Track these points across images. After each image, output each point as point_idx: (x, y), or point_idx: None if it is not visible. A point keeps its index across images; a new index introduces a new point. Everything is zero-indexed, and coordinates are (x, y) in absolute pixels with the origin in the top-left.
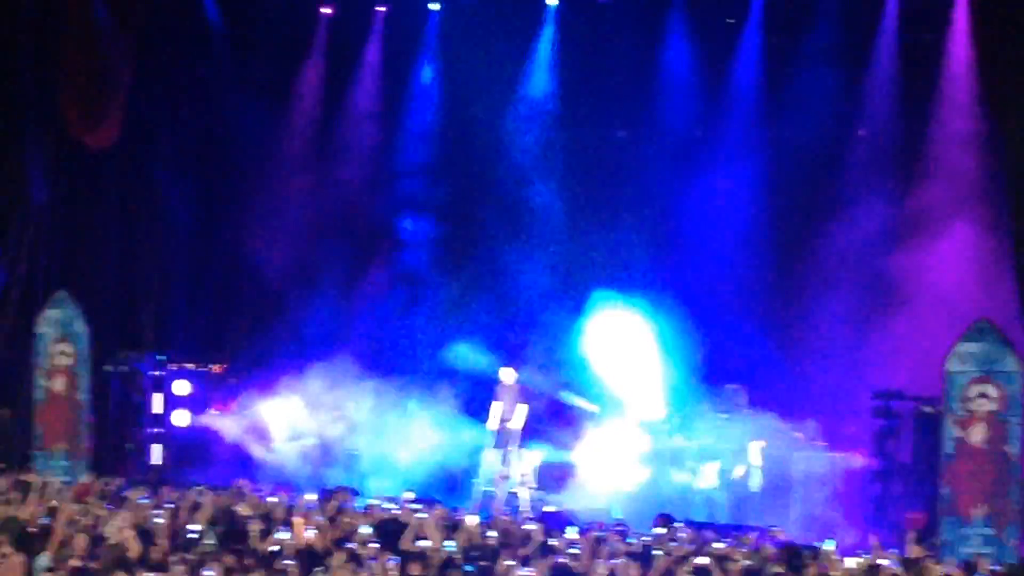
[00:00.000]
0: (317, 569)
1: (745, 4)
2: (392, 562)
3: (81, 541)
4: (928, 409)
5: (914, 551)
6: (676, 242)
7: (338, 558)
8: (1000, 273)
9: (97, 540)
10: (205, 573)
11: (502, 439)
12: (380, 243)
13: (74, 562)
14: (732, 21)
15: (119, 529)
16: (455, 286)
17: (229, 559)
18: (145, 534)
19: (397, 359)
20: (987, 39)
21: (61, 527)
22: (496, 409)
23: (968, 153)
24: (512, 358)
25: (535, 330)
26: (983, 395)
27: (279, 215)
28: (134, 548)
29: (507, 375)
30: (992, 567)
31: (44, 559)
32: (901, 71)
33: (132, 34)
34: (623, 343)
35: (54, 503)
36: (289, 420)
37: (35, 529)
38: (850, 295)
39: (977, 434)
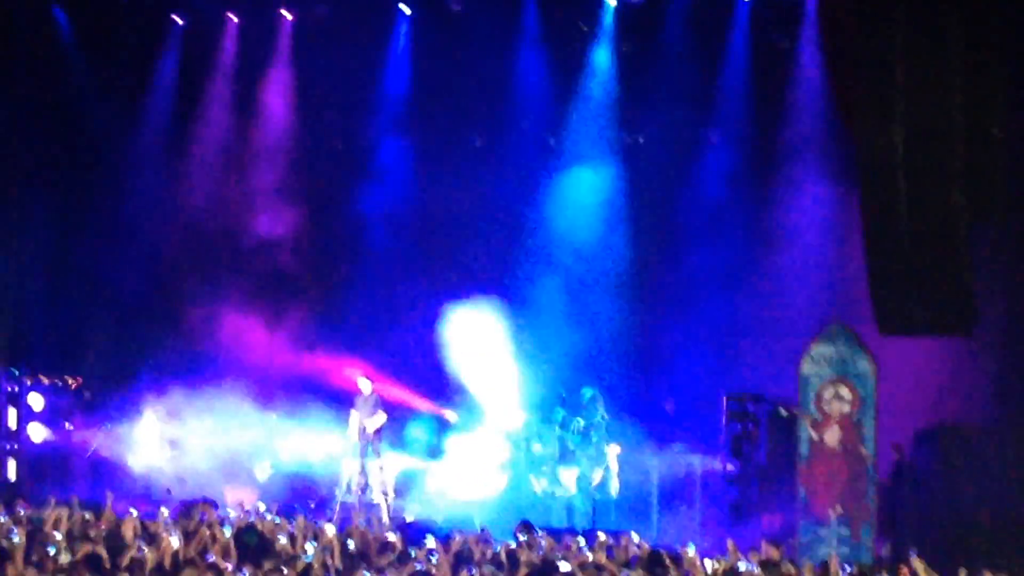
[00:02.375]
0: None
1: (597, 11)
2: (245, 573)
3: None
4: (783, 411)
5: (771, 552)
6: (533, 248)
7: (190, 573)
8: (854, 276)
9: None
10: None
11: (361, 448)
12: (237, 256)
13: None
14: (585, 28)
15: None
16: (313, 297)
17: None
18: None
19: (258, 371)
20: (837, 44)
21: None
22: (354, 418)
23: (823, 156)
24: (370, 367)
25: (393, 339)
26: (837, 397)
27: (136, 228)
28: None
29: (364, 384)
30: (847, 567)
31: None
32: (752, 76)
33: None
34: (480, 351)
35: None
36: (156, 433)
37: None
38: (707, 298)
39: (832, 436)
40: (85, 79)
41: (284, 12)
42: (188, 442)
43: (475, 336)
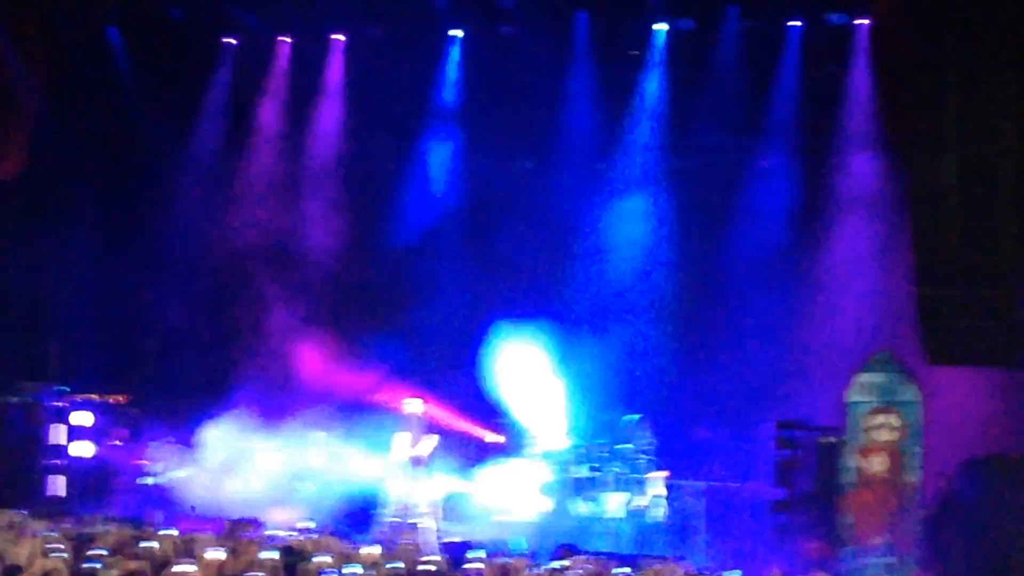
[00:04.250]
0: None
1: (648, 36)
2: None
3: None
4: (830, 439)
5: None
6: (581, 273)
7: None
8: (902, 307)
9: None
10: None
11: (408, 470)
12: (285, 279)
13: None
14: (636, 53)
15: (26, 558)
16: (361, 320)
17: None
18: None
19: (306, 392)
20: (888, 72)
21: None
22: (402, 440)
23: (872, 187)
24: (422, 387)
25: (441, 361)
26: (884, 425)
27: (185, 249)
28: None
29: (414, 406)
30: None
31: None
32: (803, 103)
33: (38, 64)
34: (527, 373)
35: None
36: (218, 451)
37: None
38: (756, 325)
39: (878, 464)
40: (137, 100)
41: (336, 35)
42: (236, 463)
43: (522, 359)
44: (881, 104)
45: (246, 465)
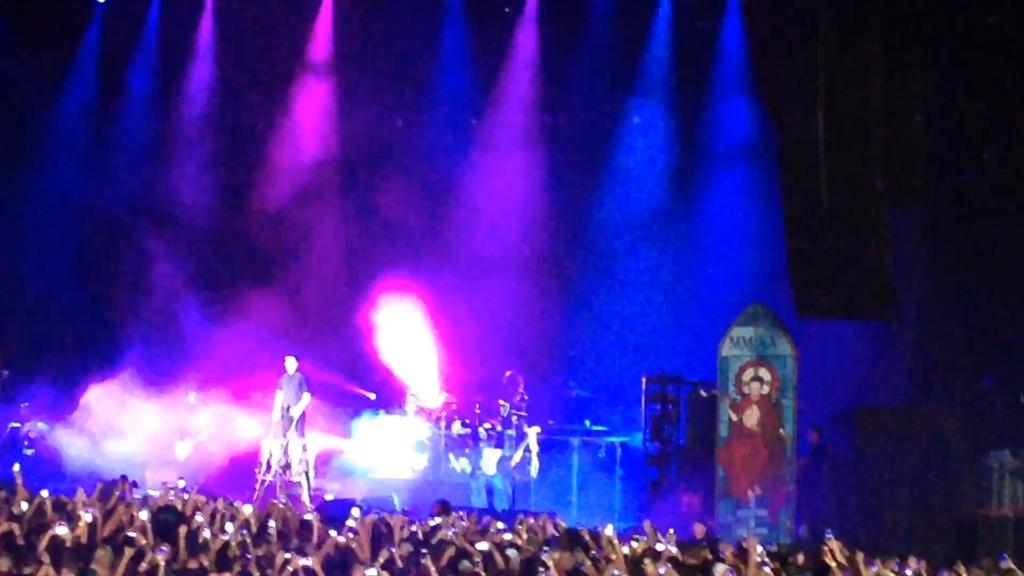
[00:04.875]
0: (93, 561)
1: None
2: (162, 553)
3: None
4: (703, 392)
5: (699, 530)
6: (452, 228)
7: (103, 553)
8: (773, 261)
9: None
10: None
11: (283, 428)
12: (159, 240)
13: None
14: (508, 9)
15: None
16: (239, 277)
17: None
18: None
19: (179, 353)
20: (759, 28)
21: None
22: (279, 398)
23: (745, 139)
24: (294, 347)
25: (317, 318)
26: (757, 378)
27: (57, 208)
28: None
29: (289, 364)
30: (767, 547)
31: None
32: (675, 59)
33: None
34: (403, 330)
35: None
36: (98, 412)
37: None
38: (627, 282)
39: (751, 417)
40: (4, 60)
41: None
42: (110, 424)
43: (398, 316)
44: (753, 58)
45: (125, 426)
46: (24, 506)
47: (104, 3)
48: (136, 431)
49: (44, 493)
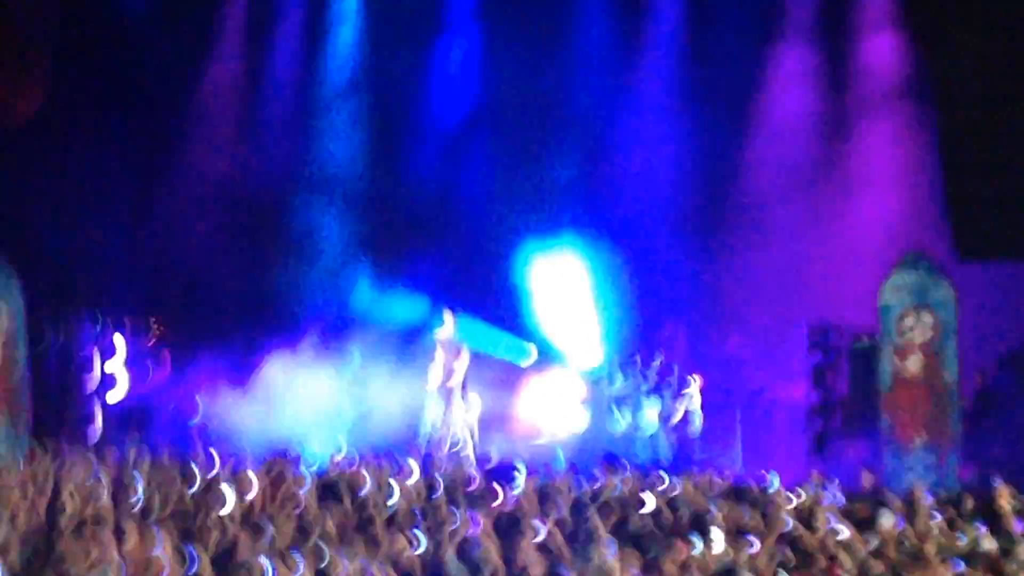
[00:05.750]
0: (264, 531)
1: None
2: (328, 519)
3: (38, 506)
4: (864, 341)
5: (868, 480)
6: (607, 186)
7: (282, 520)
8: (932, 203)
9: (53, 505)
10: (157, 535)
11: (446, 389)
12: (315, 201)
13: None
14: None
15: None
16: (389, 242)
17: (175, 525)
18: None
19: (339, 319)
20: None
21: (11, 496)
22: (439, 359)
23: (895, 80)
24: (452, 309)
25: (472, 280)
26: (919, 324)
27: (213, 176)
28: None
29: (448, 324)
30: (933, 494)
31: None
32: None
33: (50, 2)
34: (559, 289)
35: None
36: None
37: None
38: (783, 229)
39: (913, 364)
40: (151, 29)
41: None
42: (282, 394)
43: (553, 275)
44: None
45: (291, 396)
46: (196, 480)
47: None
48: (306, 399)
49: (215, 466)
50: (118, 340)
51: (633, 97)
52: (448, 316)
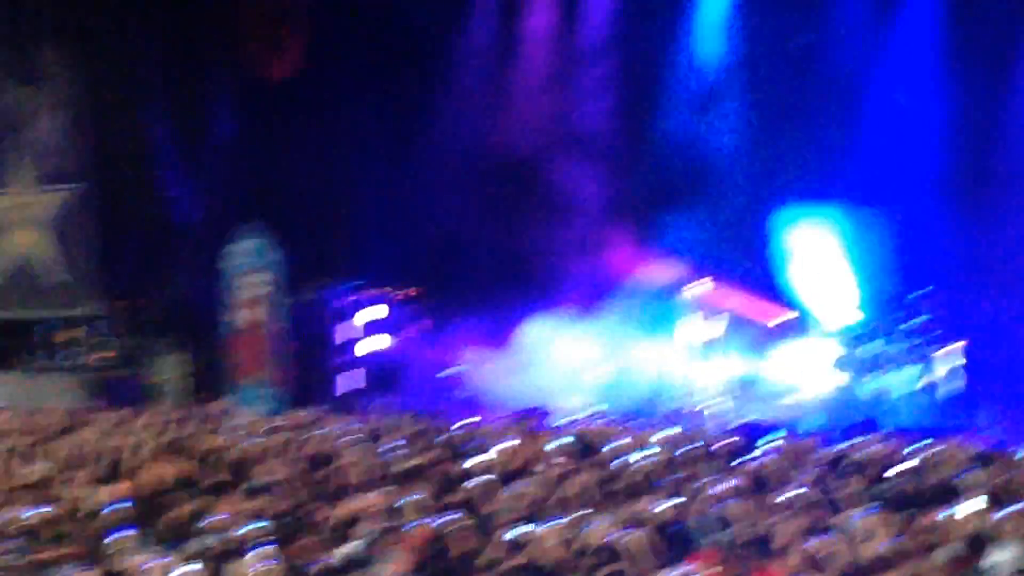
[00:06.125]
0: (517, 484)
1: None
2: (580, 476)
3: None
4: None
5: None
6: (869, 147)
7: (537, 476)
8: None
9: (314, 463)
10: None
11: (699, 352)
12: (572, 164)
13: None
14: None
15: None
16: (649, 203)
17: (428, 486)
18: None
19: (593, 281)
20: None
21: (265, 453)
22: (692, 323)
23: None
24: (710, 271)
25: (728, 242)
26: None
27: (469, 141)
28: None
29: (703, 287)
30: None
31: (250, 483)
32: None
33: None
34: (815, 251)
35: (257, 431)
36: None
37: (236, 456)
38: None
39: None
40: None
41: None
42: (530, 353)
43: (809, 237)
44: None
45: (547, 356)
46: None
47: None
48: (561, 358)
49: (469, 422)
50: (375, 301)
51: (892, 56)
52: (707, 278)
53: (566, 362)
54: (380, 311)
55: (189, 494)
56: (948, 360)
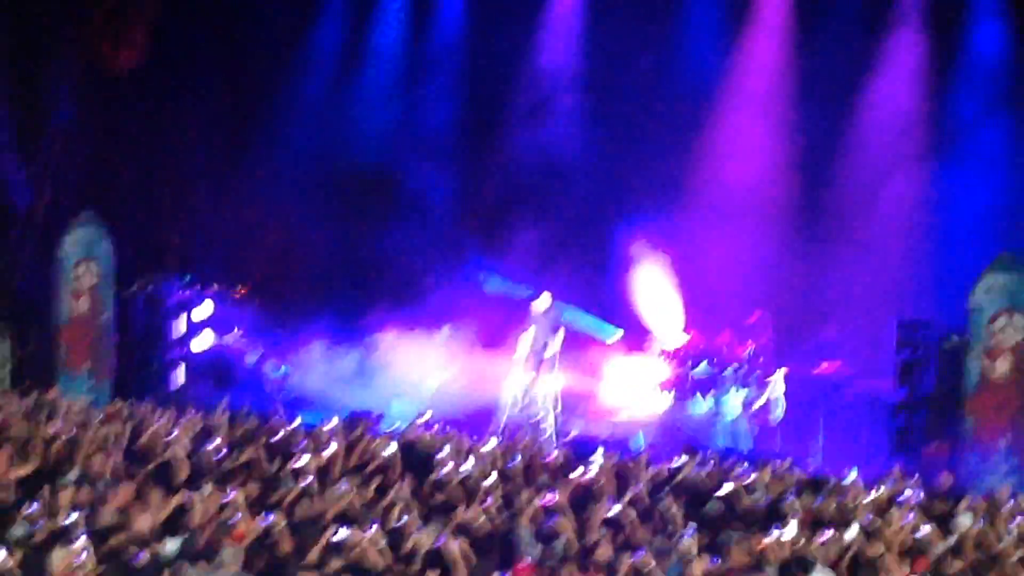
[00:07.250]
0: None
1: None
2: (405, 484)
3: (114, 457)
4: (954, 339)
5: (946, 480)
6: (699, 172)
7: (358, 479)
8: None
9: (131, 456)
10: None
11: (534, 365)
12: (403, 173)
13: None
14: None
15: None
16: (483, 222)
17: (251, 485)
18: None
19: (426, 292)
20: None
21: (90, 444)
22: (527, 336)
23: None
24: (543, 286)
25: (565, 259)
26: (1008, 327)
27: (302, 142)
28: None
29: (544, 301)
30: (1014, 497)
31: (73, 474)
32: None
33: None
34: (648, 272)
35: (81, 421)
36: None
37: (61, 446)
38: (876, 225)
39: (1003, 365)
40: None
41: None
42: (363, 359)
43: (644, 261)
44: None
45: (381, 361)
46: (276, 437)
47: None
48: (394, 365)
49: (294, 424)
50: (204, 297)
51: (735, 82)
52: (546, 292)
53: (402, 368)
54: (214, 308)
55: (8, 483)
56: (774, 386)
